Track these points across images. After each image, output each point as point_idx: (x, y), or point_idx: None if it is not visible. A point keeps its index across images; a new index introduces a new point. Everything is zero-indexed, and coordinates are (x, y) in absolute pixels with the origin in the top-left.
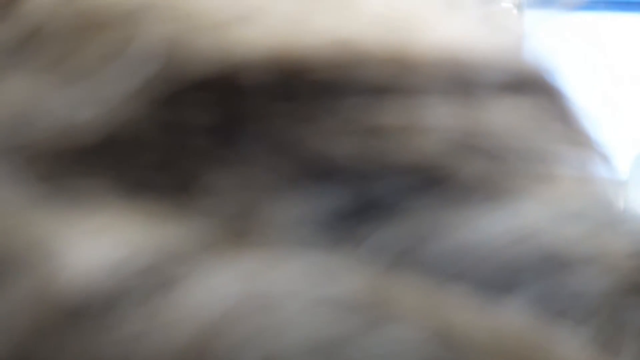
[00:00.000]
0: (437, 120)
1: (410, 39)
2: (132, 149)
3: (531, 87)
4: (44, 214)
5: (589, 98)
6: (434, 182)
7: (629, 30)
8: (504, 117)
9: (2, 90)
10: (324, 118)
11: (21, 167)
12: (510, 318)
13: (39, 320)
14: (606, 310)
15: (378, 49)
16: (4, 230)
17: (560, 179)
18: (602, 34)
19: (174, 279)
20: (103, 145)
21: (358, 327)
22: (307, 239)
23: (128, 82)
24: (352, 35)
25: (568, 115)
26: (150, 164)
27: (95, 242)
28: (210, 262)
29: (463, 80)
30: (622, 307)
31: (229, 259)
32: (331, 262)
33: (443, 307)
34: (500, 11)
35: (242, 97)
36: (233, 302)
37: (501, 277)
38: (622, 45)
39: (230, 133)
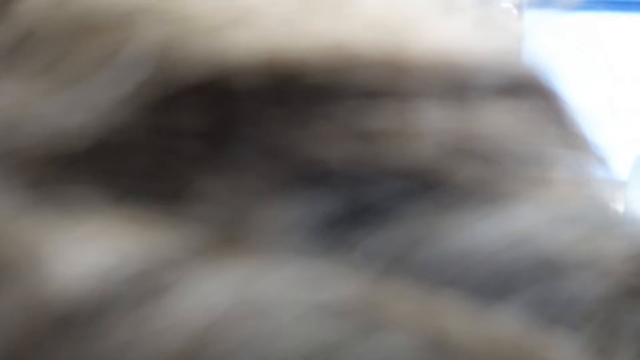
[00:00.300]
0: (432, 124)
1: (406, 42)
2: (123, 154)
3: (528, 90)
4: (33, 220)
5: (589, 98)
6: (428, 186)
7: (629, 31)
8: (499, 121)
9: None
10: (317, 122)
11: (10, 173)
12: (504, 324)
13: (27, 328)
14: (602, 315)
15: (373, 52)
16: None
17: (557, 182)
18: (602, 34)
19: (165, 286)
20: (94, 151)
21: (351, 334)
22: (300, 245)
23: (120, 87)
24: (347, 39)
25: (565, 117)
26: (142, 170)
27: (85, 249)
28: (201, 269)
29: (459, 84)
30: (618, 311)
31: (220, 265)
32: (323, 269)
33: (437, 313)
34: (499, 12)
35: (235, 102)
36: (224, 309)
37: (496, 283)
38: (622, 45)
39: (222, 138)
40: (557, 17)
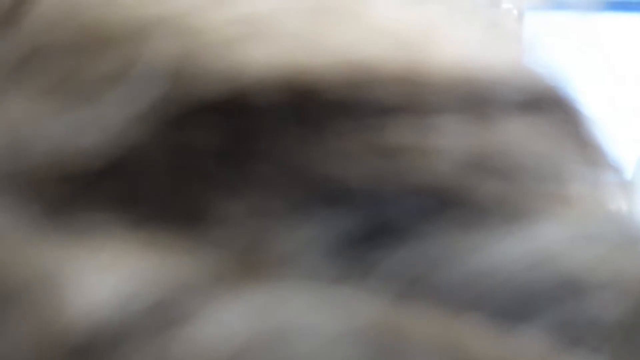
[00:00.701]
0: (451, 140)
1: (424, 56)
2: (139, 174)
3: (547, 103)
4: (48, 246)
5: (592, 99)
6: (447, 204)
7: (630, 31)
8: (519, 137)
9: (2, 112)
10: (335, 139)
11: (23, 195)
12: (527, 346)
13: (43, 359)
14: (622, 335)
15: (391, 67)
16: (7, 263)
17: (576, 199)
18: (603, 35)
19: (184, 315)
20: (109, 172)
21: None
22: (318, 267)
23: (134, 105)
24: (364, 53)
25: (583, 131)
26: (158, 191)
27: (102, 277)
28: (221, 297)
29: (478, 99)
30: (638, 331)
31: (240, 292)
32: (343, 293)
33: (459, 337)
34: (508, 20)
35: (252, 118)
36: (245, 338)
37: (517, 304)
38: (624, 46)
39: (240, 156)
40: (557, 17)
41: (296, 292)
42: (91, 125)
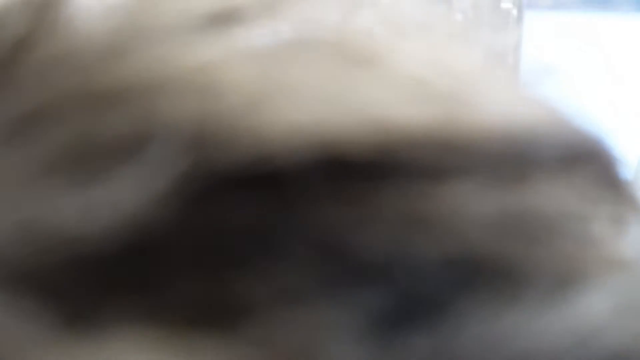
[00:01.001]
0: (485, 205)
1: (458, 111)
2: (157, 259)
3: (583, 156)
4: (60, 349)
5: (593, 100)
6: (484, 275)
7: (631, 31)
8: (557, 196)
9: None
10: (366, 208)
11: (32, 286)
12: None
13: None
14: None
15: (422, 127)
16: None
17: (618, 262)
18: (603, 35)
19: None
20: (123, 257)
21: None
22: (350, 354)
23: (152, 180)
24: (395, 111)
25: (619, 180)
26: (179, 280)
27: None
28: None
29: (513, 158)
30: None
31: None
32: None
33: None
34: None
35: (281, 190)
36: None
37: None
38: (624, 46)
39: (267, 232)
40: (557, 17)
41: None
42: (104, 204)
